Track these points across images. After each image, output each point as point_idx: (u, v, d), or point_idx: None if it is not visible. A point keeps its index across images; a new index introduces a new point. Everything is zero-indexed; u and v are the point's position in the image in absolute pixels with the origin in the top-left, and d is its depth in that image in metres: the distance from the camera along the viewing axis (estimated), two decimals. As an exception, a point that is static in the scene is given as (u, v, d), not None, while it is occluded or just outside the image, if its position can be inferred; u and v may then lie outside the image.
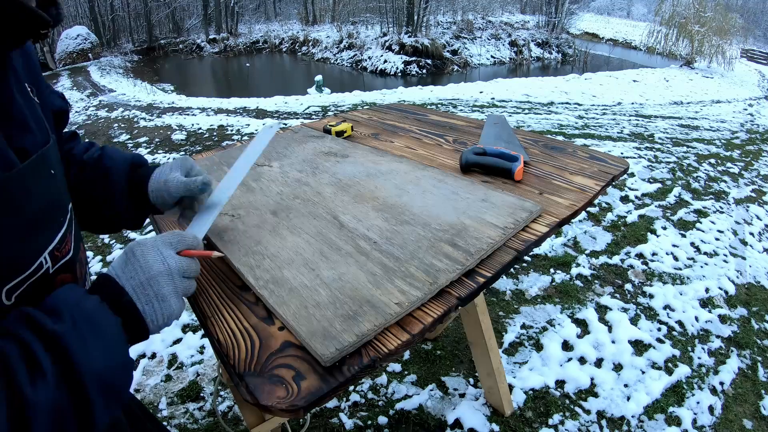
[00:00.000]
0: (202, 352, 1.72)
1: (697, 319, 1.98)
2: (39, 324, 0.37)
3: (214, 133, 4.85)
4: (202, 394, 1.54)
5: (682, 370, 1.68)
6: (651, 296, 2.09)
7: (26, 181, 0.41)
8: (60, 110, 0.58)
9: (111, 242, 2.57)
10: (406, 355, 1.68)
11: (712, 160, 4.25)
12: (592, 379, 1.62)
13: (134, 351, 1.70)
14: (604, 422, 1.46)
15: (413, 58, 16.53)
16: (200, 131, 4.97)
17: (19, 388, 0.32)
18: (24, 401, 0.32)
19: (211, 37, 21.41)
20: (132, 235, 2.60)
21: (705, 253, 2.51)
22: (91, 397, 0.36)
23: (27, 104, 0.46)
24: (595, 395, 1.56)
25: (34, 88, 0.49)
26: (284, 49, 21.35)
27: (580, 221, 2.75)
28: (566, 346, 1.77)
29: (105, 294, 0.43)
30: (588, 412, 1.49)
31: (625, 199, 3.11)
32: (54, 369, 0.35)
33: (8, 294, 0.40)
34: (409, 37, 17.47)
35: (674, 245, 2.54)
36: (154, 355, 1.72)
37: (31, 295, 0.42)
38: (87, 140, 0.69)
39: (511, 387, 1.54)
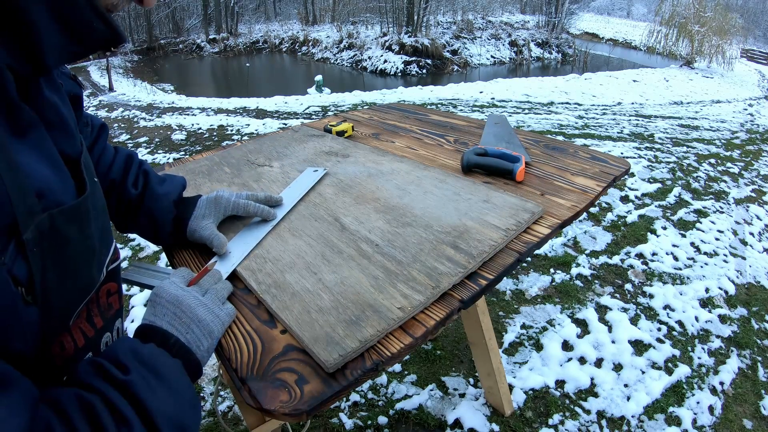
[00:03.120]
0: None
1: (697, 319, 1.98)
2: (112, 375, 0.38)
3: (214, 133, 4.85)
4: (202, 394, 1.54)
5: (682, 370, 1.68)
6: (651, 296, 2.09)
7: (90, 201, 0.40)
8: (74, 95, 0.54)
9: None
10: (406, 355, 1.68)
11: (712, 160, 4.25)
12: (592, 379, 1.62)
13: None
14: (604, 422, 1.46)
15: (413, 58, 16.53)
16: (200, 131, 4.97)
17: None
18: None
19: (211, 37, 21.39)
20: (130, 235, 2.60)
21: (705, 253, 2.51)
22: None
23: (61, 100, 0.43)
24: (595, 395, 1.56)
25: None
26: (284, 49, 21.34)
27: (580, 221, 2.75)
28: (566, 346, 1.77)
29: (156, 341, 0.45)
30: (588, 412, 1.49)
31: (625, 199, 3.11)
32: (136, 419, 0.36)
33: (74, 320, 0.41)
34: (409, 37, 17.46)
35: (674, 245, 2.55)
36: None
37: (83, 311, 0.42)
38: (111, 144, 0.69)
39: (511, 387, 1.54)
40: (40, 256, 0.33)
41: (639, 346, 1.78)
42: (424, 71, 16.20)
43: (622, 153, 4.24)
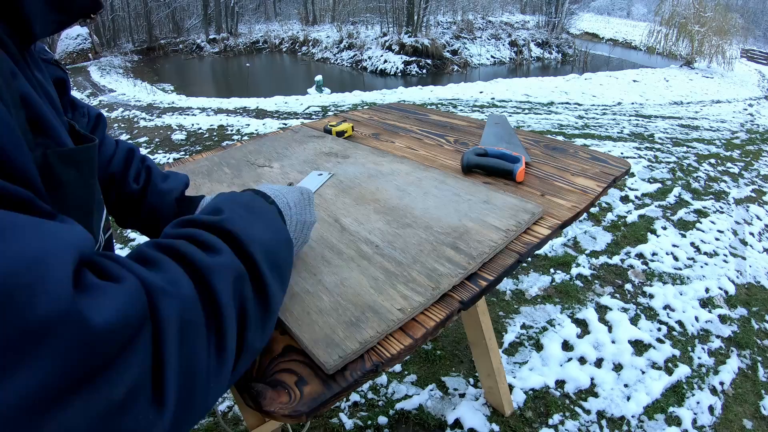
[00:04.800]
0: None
1: (697, 319, 1.98)
2: (201, 220, 0.39)
3: (214, 133, 4.85)
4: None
5: (682, 370, 1.68)
6: (651, 296, 2.09)
7: (93, 152, 0.40)
8: (59, 79, 0.55)
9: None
10: (407, 355, 1.68)
11: (712, 160, 4.25)
12: (592, 379, 1.62)
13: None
14: (604, 422, 1.46)
15: (413, 58, 16.52)
16: (200, 131, 4.97)
17: (196, 261, 0.34)
18: (202, 268, 0.34)
19: (211, 37, 21.39)
20: (130, 235, 2.60)
21: (705, 253, 2.51)
22: (262, 268, 0.39)
23: (46, 80, 0.44)
24: (595, 395, 1.56)
25: None
26: (284, 49, 21.33)
27: (580, 221, 2.75)
28: (566, 346, 1.77)
29: (255, 192, 0.49)
30: (588, 412, 1.49)
31: (625, 199, 3.11)
32: (224, 245, 0.37)
33: None
34: (409, 37, 17.46)
35: (674, 245, 2.55)
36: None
37: None
38: (111, 135, 0.69)
39: (511, 387, 1.54)
40: None
41: (639, 346, 1.78)
42: (424, 71, 16.20)
43: (622, 153, 4.24)
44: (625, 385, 1.60)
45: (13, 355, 0.21)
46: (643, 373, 1.66)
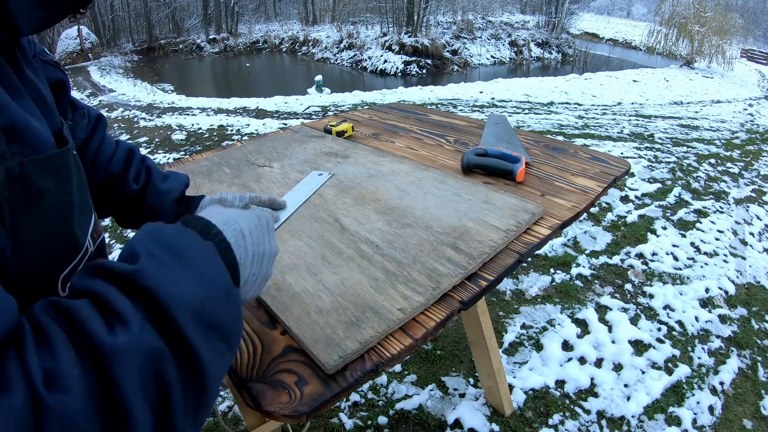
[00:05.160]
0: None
1: (697, 319, 1.98)
2: (111, 269, 0.31)
3: (214, 133, 4.85)
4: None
5: (682, 370, 1.68)
6: (651, 296, 2.09)
7: (70, 156, 0.39)
8: (58, 80, 0.54)
9: (111, 242, 2.57)
10: (407, 355, 1.68)
11: (712, 160, 4.25)
12: (592, 379, 1.62)
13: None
14: (604, 422, 1.46)
15: (413, 58, 16.52)
16: (200, 131, 4.97)
17: (94, 340, 0.27)
18: (102, 352, 0.26)
19: (211, 37, 21.38)
20: (131, 235, 2.60)
21: (705, 253, 2.51)
22: (188, 335, 0.30)
23: (39, 80, 0.44)
24: (595, 395, 1.56)
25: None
26: (284, 49, 21.33)
27: (580, 221, 2.75)
28: (566, 346, 1.77)
29: (189, 224, 0.38)
30: (588, 412, 1.49)
31: (625, 199, 3.11)
32: (135, 311, 0.29)
33: (63, 284, 0.39)
34: (409, 37, 17.45)
35: (674, 245, 2.54)
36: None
37: None
38: (111, 135, 0.69)
39: (511, 387, 1.54)
40: (9, 201, 0.32)
41: (639, 346, 1.78)
42: (424, 71, 16.19)
43: (622, 153, 4.24)
44: (625, 385, 1.60)
45: None
46: (643, 373, 1.66)
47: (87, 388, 0.25)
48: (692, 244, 2.59)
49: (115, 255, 2.42)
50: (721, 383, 1.66)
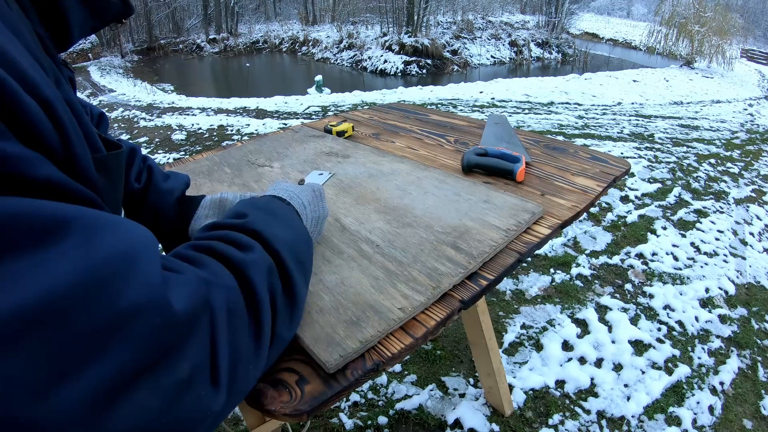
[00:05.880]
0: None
1: (697, 319, 1.98)
2: (228, 224, 0.43)
3: (214, 133, 4.85)
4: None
5: (682, 370, 1.68)
6: (651, 296, 2.09)
7: (122, 159, 0.42)
8: (68, 78, 0.56)
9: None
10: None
11: (712, 160, 4.25)
12: (592, 379, 1.62)
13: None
14: (604, 422, 1.46)
15: (413, 58, 16.52)
16: (200, 131, 4.97)
17: (233, 257, 0.37)
18: (239, 263, 0.37)
19: (211, 37, 21.38)
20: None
21: (705, 253, 2.51)
22: (288, 264, 0.42)
23: (67, 83, 0.45)
24: (595, 395, 1.56)
25: None
26: (284, 49, 21.33)
27: (580, 221, 2.75)
28: (566, 346, 1.77)
29: (273, 197, 0.53)
30: (588, 412, 1.49)
31: (625, 199, 3.11)
32: (254, 241, 0.40)
33: None
34: (409, 37, 17.46)
35: (674, 245, 2.55)
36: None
37: None
38: (112, 133, 0.69)
39: (511, 387, 1.54)
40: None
41: (639, 346, 1.78)
42: (424, 71, 16.19)
43: (622, 153, 4.24)
44: (625, 385, 1.60)
45: (102, 340, 0.23)
46: (643, 373, 1.66)
47: (234, 281, 0.36)
48: (692, 244, 2.59)
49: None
50: (721, 383, 1.66)
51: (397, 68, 16.10)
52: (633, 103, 8.74)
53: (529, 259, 2.33)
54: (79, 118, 0.34)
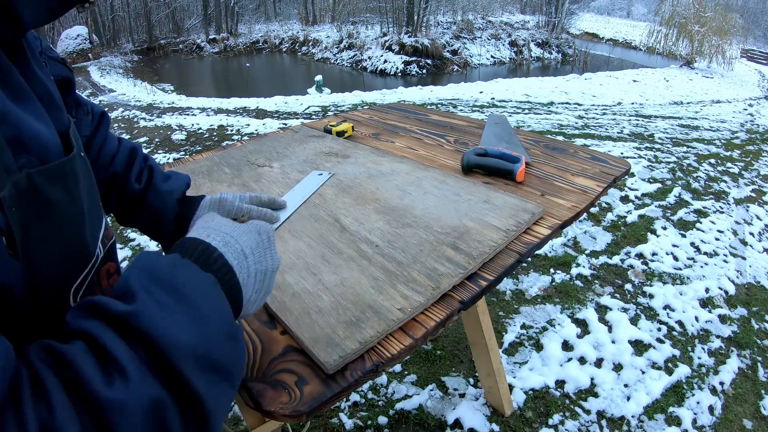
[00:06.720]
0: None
1: (697, 319, 1.98)
2: (106, 309, 0.30)
3: (214, 133, 4.84)
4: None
5: (682, 370, 1.68)
6: (651, 296, 2.09)
7: (77, 163, 0.37)
8: (65, 78, 0.53)
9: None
10: (407, 355, 1.68)
11: (712, 160, 4.25)
12: (592, 379, 1.62)
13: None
14: (604, 422, 1.46)
15: (413, 58, 16.51)
16: (200, 131, 4.97)
17: (92, 393, 0.26)
18: (101, 407, 0.25)
19: (211, 37, 21.38)
20: (131, 235, 2.60)
21: (705, 253, 2.51)
22: (190, 380, 0.29)
23: (46, 77, 0.43)
24: (595, 395, 1.56)
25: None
26: (284, 49, 21.32)
27: (580, 221, 2.75)
28: (566, 346, 1.77)
29: (187, 251, 0.37)
30: (588, 412, 1.49)
31: (625, 199, 3.11)
32: (134, 359, 0.28)
33: (74, 295, 0.38)
34: (409, 37, 17.45)
35: (674, 245, 2.54)
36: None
37: (86, 293, 0.40)
38: (113, 132, 0.68)
39: (511, 387, 1.54)
40: (19, 215, 0.30)
41: (639, 346, 1.78)
42: (424, 71, 16.19)
43: (622, 153, 4.24)
44: (625, 385, 1.60)
45: None
46: (643, 373, 1.66)
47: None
48: (692, 244, 2.59)
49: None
50: (721, 383, 1.66)
51: (397, 68, 16.09)
52: (633, 103, 8.74)
53: (529, 259, 2.33)
54: (17, 129, 0.31)
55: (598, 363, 1.70)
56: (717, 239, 2.68)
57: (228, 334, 0.33)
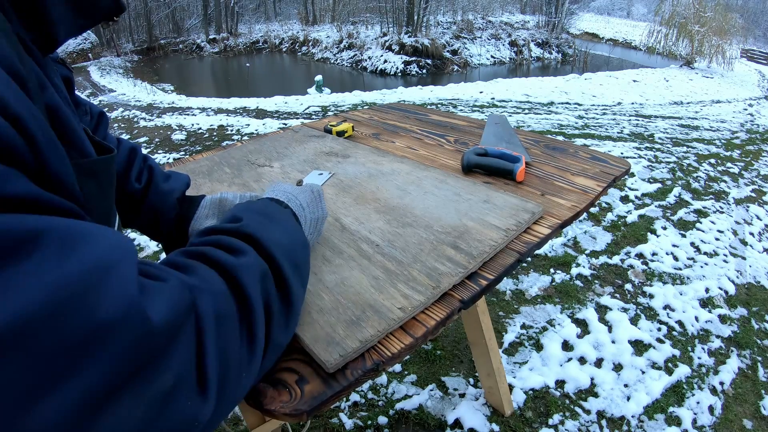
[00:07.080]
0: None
1: (697, 319, 1.98)
2: (222, 228, 0.43)
3: (214, 133, 4.85)
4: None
5: (682, 370, 1.68)
6: (651, 296, 2.09)
7: (112, 163, 0.41)
8: (66, 78, 0.55)
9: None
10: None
11: (712, 160, 4.25)
12: (592, 379, 1.62)
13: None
14: (604, 422, 1.46)
15: (413, 58, 16.52)
16: (200, 131, 4.97)
17: (224, 262, 0.37)
18: (230, 267, 0.37)
19: (211, 37, 21.38)
20: (130, 235, 2.60)
21: (705, 253, 2.51)
22: (283, 267, 0.41)
23: (59, 80, 0.44)
24: (595, 395, 1.56)
25: None
26: (284, 49, 21.33)
27: (580, 221, 2.75)
28: (566, 346, 1.77)
29: (270, 199, 0.54)
30: (588, 412, 1.49)
31: (625, 199, 3.11)
32: (248, 247, 0.40)
33: None
34: (409, 37, 17.46)
35: (674, 245, 2.55)
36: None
37: None
38: (112, 132, 0.69)
39: (511, 387, 1.54)
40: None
41: (639, 346, 1.78)
42: (424, 71, 16.19)
43: (622, 153, 4.24)
44: (625, 385, 1.60)
45: (79, 354, 0.23)
46: (643, 373, 1.66)
47: (225, 286, 0.35)
48: (692, 244, 2.59)
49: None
50: (721, 383, 1.66)
51: (397, 68, 16.09)
52: (633, 103, 8.74)
53: (529, 259, 2.33)
54: (64, 124, 0.33)
55: (598, 363, 1.70)
56: (717, 239, 2.68)
57: (303, 244, 0.49)
